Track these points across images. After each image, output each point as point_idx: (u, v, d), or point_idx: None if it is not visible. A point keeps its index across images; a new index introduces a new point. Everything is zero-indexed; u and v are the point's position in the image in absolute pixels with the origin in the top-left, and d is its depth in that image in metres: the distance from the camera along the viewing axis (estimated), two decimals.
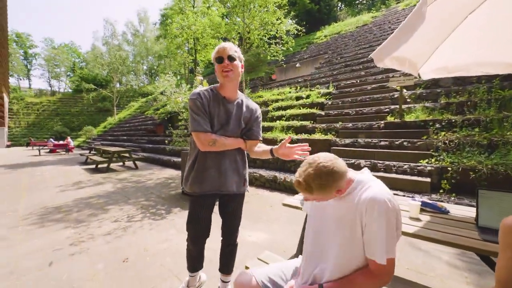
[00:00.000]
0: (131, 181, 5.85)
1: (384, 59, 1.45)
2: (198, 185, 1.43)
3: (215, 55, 1.36)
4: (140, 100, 26.31)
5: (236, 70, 1.37)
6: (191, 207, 1.52)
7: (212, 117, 1.39)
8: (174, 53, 16.54)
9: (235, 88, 1.45)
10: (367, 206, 0.86)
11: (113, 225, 3.09)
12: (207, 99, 1.38)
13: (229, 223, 1.59)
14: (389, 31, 12.08)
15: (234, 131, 1.45)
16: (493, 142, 3.64)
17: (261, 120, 1.60)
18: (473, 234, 1.18)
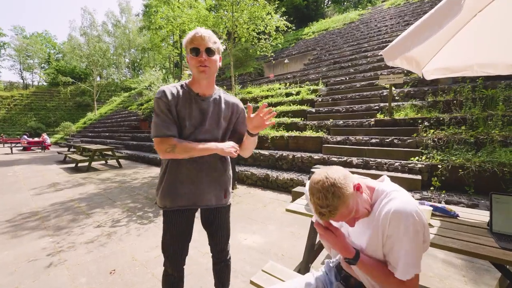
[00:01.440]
0: (115, 181, 5.53)
1: (396, 58, 1.37)
2: (170, 200, 1.22)
3: (190, 45, 1.11)
4: (123, 94, 25.15)
5: (214, 65, 1.16)
6: (164, 224, 1.28)
7: (182, 118, 1.18)
8: (159, 46, 15.88)
9: (212, 84, 1.24)
10: (391, 219, 0.79)
11: (96, 231, 2.86)
12: (174, 98, 1.16)
13: (215, 240, 1.40)
14: (375, 29, 12.27)
15: (212, 132, 1.23)
16: (479, 140, 3.74)
17: (245, 116, 1.34)
18: (490, 241, 1.14)
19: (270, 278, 1.26)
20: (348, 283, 0.96)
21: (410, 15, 11.98)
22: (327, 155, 4.90)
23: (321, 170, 0.84)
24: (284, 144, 5.99)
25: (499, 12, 1.56)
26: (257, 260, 2.21)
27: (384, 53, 1.41)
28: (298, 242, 2.56)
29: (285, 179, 4.68)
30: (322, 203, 0.78)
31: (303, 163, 5.09)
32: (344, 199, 0.79)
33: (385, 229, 0.81)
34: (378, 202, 0.86)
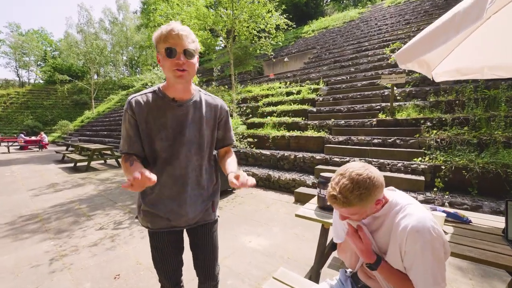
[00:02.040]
0: (114, 182, 5.48)
1: (410, 61, 1.34)
2: (151, 222, 1.10)
3: (164, 43, 0.93)
4: (120, 93, 24.95)
5: (193, 69, 1.00)
6: (150, 243, 1.17)
7: (158, 129, 1.03)
8: None
9: (189, 86, 1.07)
10: (408, 236, 0.78)
11: (98, 234, 2.83)
12: (143, 109, 1.02)
13: (200, 261, 1.23)
14: (375, 28, 12.24)
15: (195, 141, 1.08)
16: (482, 141, 3.74)
17: (228, 118, 1.22)
18: (507, 250, 1.12)
19: (281, 286, 1.24)
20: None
21: (411, 14, 11.96)
22: (329, 155, 4.89)
23: (367, 165, 0.82)
24: (285, 144, 5.96)
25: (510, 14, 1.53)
26: (262, 263, 2.20)
27: (397, 56, 1.38)
28: (303, 245, 2.54)
29: (287, 179, 4.66)
30: (345, 192, 0.78)
31: (305, 163, 5.07)
32: (361, 205, 0.79)
33: (402, 244, 0.80)
34: (392, 214, 0.85)
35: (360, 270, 0.98)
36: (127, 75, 34.43)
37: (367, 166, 0.82)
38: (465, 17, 0.95)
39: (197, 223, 1.17)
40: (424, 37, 1.19)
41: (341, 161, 4.61)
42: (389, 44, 9.16)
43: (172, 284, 1.21)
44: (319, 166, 4.66)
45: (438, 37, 1.08)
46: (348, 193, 0.77)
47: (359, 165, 0.82)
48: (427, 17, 10.59)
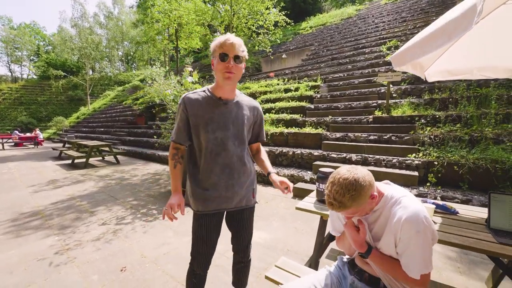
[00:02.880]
0: (114, 178, 5.52)
1: (405, 64, 1.42)
2: (203, 204, 1.26)
3: (219, 50, 1.13)
4: (116, 88, 24.69)
5: (240, 72, 1.20)
6: (195, 226, 1.32)
7: (206, 123, 1.21)
8: (154, 39, 15.55)
9: (234, 88, 1.28)
10: (403, 225, 0.87)
11: (101, 229, 2.89)
12: (193, 104, 1.22)
13: (238, 239, 1.43)
14: (372, 25, 12.31)
15: (237, 135, 1.27)
16: (473, 137, 3.88)
17: (263, 118, 1.44)
18: (488, 237, 1.23)
19: (283, 273, 1.33)
20: (362, 277, 1.03)
21: (407, 12, 12.04)
22: (326, 151, 4.99)
23: (351, 169, 0.89)
24: (283, 140, 6.05)
25: (498, 19, 1.62)
26: (264, 255, 2.29)
27: (392, 59, 1.45)
28: (302, 238, 2.64)
29: (286, 175, 4.75)
30: (338, 197, 0.85)
31: (303, 159, 5.17)
32: (356, 204, 0.86)
33: (397, 233, 0.88)
34: (388, 206, 0.94)
35: (357, 256, 1.07)
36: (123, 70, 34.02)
37: (352, 169, 0.89)
38: (456, 27, 1.03)
39: (241, 207, 1.35)
40: (418, 42, 1.27)
41: (338, 157, 4.71)
42: (385, 42, 9.25)
43: (203, 268, 1.35)
44: (317, 162, 4.76)
45: (431, 43, 1.16)
46: (341, 197, 0.85)
47: (345, 170, 0.89)
48: (423, 15, 10.68)
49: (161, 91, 4.11)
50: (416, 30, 9.08)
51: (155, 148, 8.80)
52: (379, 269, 0.96)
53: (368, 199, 0.88)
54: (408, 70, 1.62)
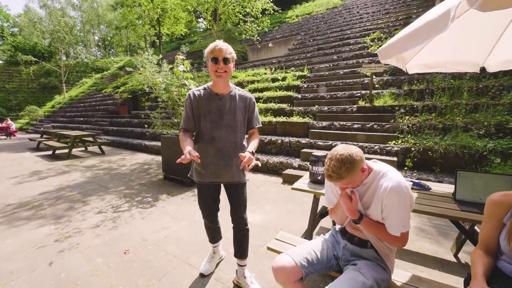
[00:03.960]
0: (101, 169, 5.42)
1: (390, 57, 1.58)
2: (200, 177, 1.62)
3: (210, 55, 1.42)
4: (94, 76, 23.36)
5: (230, 71, 1.47)
6: (198, 191, 1.72)
7: (204, 114, 1.52)
8: (134, 24, 14.76)
9: (227, 84, 1.55)
10: (388, 194, 1.05)
11: (98, 217, 2.92)
12: (196, 99, 1.52)
13: (233, 210, 1.70)
14: (357, 16, 12.52)
15: (230, 124, 1.54)
16: (446, 125, 4.25)
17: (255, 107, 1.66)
18: (454, 206, 1.47)
19: (283, 244, 1.51)
20: (353, 240, 1.22)
21: (390, 4, 12.34)
22: (313, 139, 5.22)
23: (346, 146, 1.07)
24: (272, 129, 6.21)
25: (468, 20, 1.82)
26: (259, 235, 2.48)
27: (379, 52, 1.61)
28: (294, 218, 2.86)
29: (275, 162, 4.95)
30: (336, 170, 1.02)
31: (291, 147, 5.38)
32: (351, 175, 1.04)
33: (383, 200, 1.07)
34: (377, 179, 1.12)
35: (348, 224, 1.26)
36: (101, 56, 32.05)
37: (347, 147, 1.07)
38: (433, 27, 1.19)
39: (233, 182, 1.63)
40: (401, 39, 1.43)
41: (324, 144, 4.96)
42: (369, 33, 9.50)
43: (209, 221, 1.79)
44: (305, 150, 4.99)
45: (411, 40, 1.32)
46: (338, 170, 1.02)
47: (341, 148, 1.07)
48: (405, 8, 11.03)
49: (151, 79, 4.05)
50: (398, 22, 9.41)
51: (142, 138, 8.63)
52: (368, 232, 1.15)
53: (360, 171, 1.05)
54: (393, 63, 1.80)
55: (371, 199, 1.12)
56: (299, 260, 1.15)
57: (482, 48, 2.02)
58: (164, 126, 4.69)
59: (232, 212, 1.71)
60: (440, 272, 1.89)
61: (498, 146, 3.54)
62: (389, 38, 8.42)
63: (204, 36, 22.17)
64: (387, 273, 1.13)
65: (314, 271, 1.19)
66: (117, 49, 33.52)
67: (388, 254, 1.16)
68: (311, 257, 1.19)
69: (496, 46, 1.97)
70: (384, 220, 1.10)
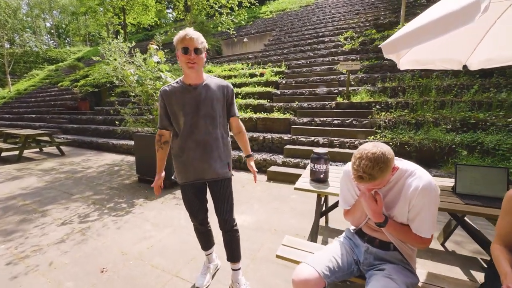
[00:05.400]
0: (63, 172, 4.77)
1: (396, 52, 1.54)
2: (182, 176, 1.51)
3: (181, 44, 1.32)
4: (47, 67, 20.74)
5: (201, 61, 1.39)
6: (181, 192, 1.61)
7: (180, 108, 1.42)
8: (94, 10, 13.32)
9: (200, 74, 1.45)
10: (419, 193, 0.99)
11: (63, 229, 2.51)
12: (168, 95, 1.43)
13: (218, 208, 1.57)
14: (330, 15, 12.88)
15: (208, 114, 1.44)
16: (418, 121, 4.53)
17: (233, 96, 1.58)
18: (456, 200, 1.49)
19: (293, 251, 1.39)
20: (373, 243, 1.15)
21: (360, 5, 12.91)
22: (296, 135, 5.21)
23: (376, 144, 0.97)
24: (252, 125, 6.06)
25: None
26: (253, 237, 2.34)
27: (383, 46, 1.56)
28: (284, 217, 2.77)
29: (258, 159, 4.82)
30: (368, 170, 0.93)
31: (274, 144, 5.30)
32: (383, 176, 0.95)
33: (412, 199, 1.00)
34: (403, 178, 1.05)
35: (365, 225, 1.18)
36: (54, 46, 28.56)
37: (376, 144, 0.98)
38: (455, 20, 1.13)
39: (217, 178, 1.51)
40: (411, 32, 1.37)
41: (307, 140, 4.98)
42: (342, 32, 9.81)
43: (198, 222, 1.65)
44: (288, 146, 4.95)
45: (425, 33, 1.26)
46: (371, 170, 0.92)
47: (371, 146, 0.97)
48: (374, 10, 11.63)
49: (120, 71, 3.60)
50: (368, 23, 9.87)
51: (109, 136, 7.85)
52: (391, 235, 1.08)
53: (391, 170, 0.97)
54: (393, 58, 1.77)
55: (396, 199, 1.05)
56: (321, 270, 1.04)
57: (467, 47, 2.11)
58: (137, 123, 4.25)
59: (217, 212, 1.58)
60: (433, 262, 1.95)
61: (464, 140, 3.87)
62: (361, 38, 8.87)
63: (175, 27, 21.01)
64: (415, 276, 1.08)
65: (336, 279, 1.10)
66: (74, 38, 30.11)
67: (412, 255, 1.10)
68: (332, 264, 1.09)
69: (480, 45, 2.07)
70: (410, 221, 1.03)
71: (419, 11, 9.05)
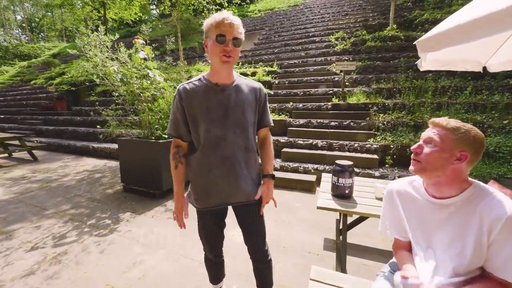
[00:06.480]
0: (35, 181, 4.23)
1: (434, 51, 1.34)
2: (204, 199, 1.21)
3: (215, 30, 1.02)
4: (18, 63, 19.19)
5: (237, 56, 1.10)
6: (198, 218, 1.31)
7: (203, 113, 1.12)
8: (71, 3, 12.42)
9: (231, 72, 1.17)
10: (505, 224, 0.76)
11: (33, 256, 2.10)
12: (189, 95, 1.13)
13: (249, 238, 1.33)
14: (319, 15, 12.85)
15: (238, 123, 1.15)
16: (417, 123, 4.47)
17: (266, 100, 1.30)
18: None
19: (323, 286, 1.14)
20: None
21: (348, 6, 12.98)
22: (292, 138, 4.99)
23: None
24: None
25: None
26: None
27: (419, 43, 1.35)
28: (291, 230, 2.53)
29: None
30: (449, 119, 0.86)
31: None
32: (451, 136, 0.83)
33: (492, 232, 0.78)
34: (477, 199, 0.84)
35: None
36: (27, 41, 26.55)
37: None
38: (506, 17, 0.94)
39: (247, 202, 1.24)
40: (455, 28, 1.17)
41: (305, 143, 4.78)
42: (333, 32, 9.77)
43: (214, 254, 1.39)
44: (285, 149, 4.72)
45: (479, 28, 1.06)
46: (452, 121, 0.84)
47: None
48: (362, 11, 11.71)
49: (102, 67, 3.19)
50: (358, 24, 9.89)
51: (89, 139, 7.24)
52: None
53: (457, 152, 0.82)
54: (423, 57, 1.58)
55: (464, 227, 0.83)
56: None
57: (489, 47, 1.97)
58: (121, 126, 3.84)
59: (248, 243, 1.33)
60: None
61: None
62: (352, 38, 8.85)
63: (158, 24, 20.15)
64: None
65: None
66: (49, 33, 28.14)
67: None
68: None
69: (502, 47, 1.94)
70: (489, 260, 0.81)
71: (406, 13, 9.24)
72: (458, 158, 0.83)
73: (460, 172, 0.86)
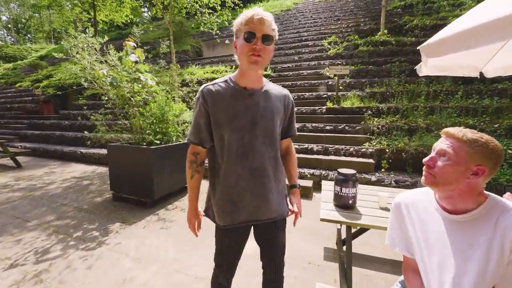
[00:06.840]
0: (18, 189, 4.00)
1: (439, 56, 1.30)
2: (228, 215, 1.08)
3: (244, 27, 0.93)
4: (2, 65, 18.52)
5: (269, 56, 0.99)
6: (219, 241, 1.17)
7: (229, 118, 1.02)
8: (60, 4, 12.12)
9: (261, 75, 1.07)
10: None
11: (12, 275, 1.93)
12: (214, 97, 1.02)
13: (269, 256, 1.21)
14: (311, 20, 13.00)
15: (267, 132, 1.05)
16: (411, 127, 4.50)
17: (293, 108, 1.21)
18: None
19: None
20: None
21: (339, 11, 13.20)
22: None
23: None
24: None
25: None
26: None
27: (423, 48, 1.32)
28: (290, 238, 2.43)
29: None
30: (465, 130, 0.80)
31: None
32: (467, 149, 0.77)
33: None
34: (495, 214, 0.78)
35: None
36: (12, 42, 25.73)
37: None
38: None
39: (275, 218, 1.13)
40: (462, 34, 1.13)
41: (300, 148, 4.73)
42: (326, 37, 9.87)
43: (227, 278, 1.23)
44: None
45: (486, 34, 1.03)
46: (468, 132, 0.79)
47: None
48: (353, 16, 11.92)
49: (90, 71, 3.05)
50: (350, 29, 10.03)
51: (77, 144, 6.98)
52: None
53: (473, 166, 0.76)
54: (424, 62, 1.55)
55: (483, 245, 0.77)
56: None
57: (486, 53, 1.97)
58: (111, 131, 3.68)
59: (266, 259, 1.22)
60: None
61: None
62: (345, 43, 8.95)
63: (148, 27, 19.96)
64: None
65: None
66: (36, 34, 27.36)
67: None
68: None
69: (499, 52, 1.94)
70: (507, 281, 0.76)
71: (396, 19, 9.44)
72: (474, 172, 0.77)
73: (476, 186, 0.80)
